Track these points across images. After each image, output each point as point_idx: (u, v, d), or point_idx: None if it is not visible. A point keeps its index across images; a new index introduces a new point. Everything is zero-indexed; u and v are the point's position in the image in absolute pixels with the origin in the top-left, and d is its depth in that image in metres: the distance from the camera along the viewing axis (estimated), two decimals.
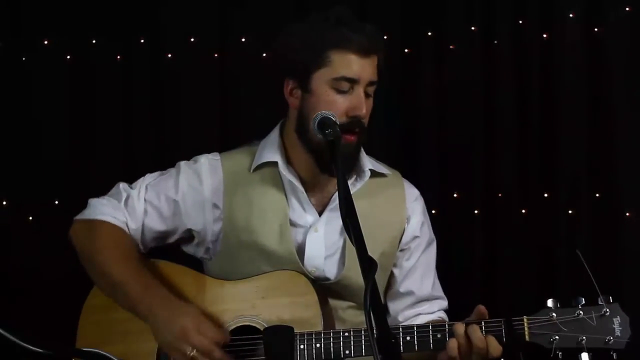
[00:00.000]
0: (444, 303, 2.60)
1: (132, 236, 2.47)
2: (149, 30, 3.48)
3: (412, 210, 2.54)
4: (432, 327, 2.25)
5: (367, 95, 2.37)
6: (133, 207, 2.47)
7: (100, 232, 2.44)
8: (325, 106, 2.32)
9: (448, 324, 2.25)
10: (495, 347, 2.19)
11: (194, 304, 2.37)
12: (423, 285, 2.55)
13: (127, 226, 2.46)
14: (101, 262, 2.40)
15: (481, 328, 2.21)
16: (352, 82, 2.33)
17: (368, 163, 2.49)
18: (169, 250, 2.56)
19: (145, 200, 2.48)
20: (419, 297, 2.54)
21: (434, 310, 2.56)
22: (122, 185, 2.52)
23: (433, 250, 2.59)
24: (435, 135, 3.46)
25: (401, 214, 2.52)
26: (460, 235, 3.44)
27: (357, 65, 2.33)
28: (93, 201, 2.52)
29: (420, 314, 2.54)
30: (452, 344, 2.20)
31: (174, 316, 2.29)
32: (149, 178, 2.53)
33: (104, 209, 2.47)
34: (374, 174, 2.49)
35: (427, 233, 2.58)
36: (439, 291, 2.59)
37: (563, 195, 3.41)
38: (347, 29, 2.34)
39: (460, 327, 2.21)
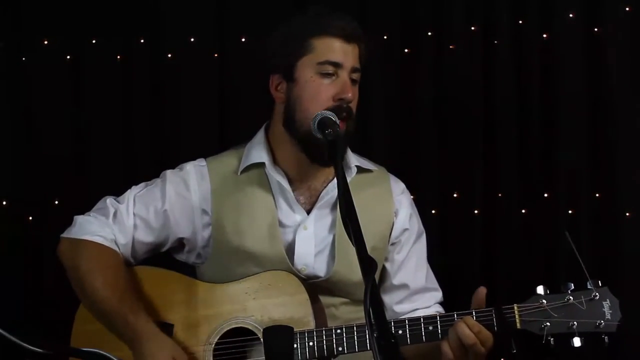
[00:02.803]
0: (439, 295, 2.59)
1: (122, 253, 2.44)
2: (149, 30, 3.48)
3: (400, 203, 2.54)
4: (423, 320, 2.25)
5: (352, 81, 2.38)
6: (122, 222, 2.45)
7: (87, 253, 2.42)
8: (311, 92, 2.34)
9: (440, 316, 2.26)
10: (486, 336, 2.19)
11: (186, 314, 2.38)
12: (416, 277, 2.55)
13: (116, 243, 2.44)
14: (87, 286, 2.39)
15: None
16: (336, 66, 2.35)
17: (354, 159, 2.50)
18: (160, 256, 2.55)
19: (134, 214, 2.46)
20: (414, 290, 2.54)
21: (430, 304, 2.56)
22: (109, 200, 2.49)
23: (423, 242, 2.59)
24: (435, 135, 3.46)
25: (389, 208, 2.52)
26: (460, 235, 3.44)
27: (339, 50, 2.35)
28: (79, 219, 2.48)
29: (417, 309, 2.54)
30: (445, 347, 2.21)
31: (154, 351, 2.29)
32: (135, 190, 2.51)
33: (92, 227, 2.44)
34: (360, 170, 2.50)
35: (416, 225, 2.58)
36: (433, 283, 2.59)
37: (563, 195, 3.41)
38: (327, 18, 2.37)
39: (464, 327, 2.19)
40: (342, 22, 2.37)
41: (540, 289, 2.23)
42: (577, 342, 2.18)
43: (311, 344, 2.26)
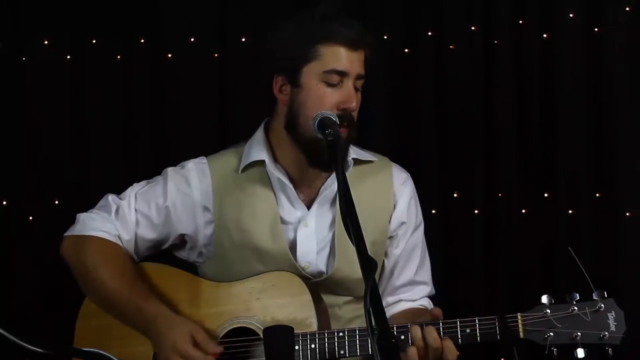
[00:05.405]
0: (428, 289, 2.57)
1: (125, 248, 2.45)
2: (149, 30, 3.48)
3: (400, 194, 2.52)
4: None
5: (355, 89, 2.37)
6: (124, 218, 2.45)
7: (92, 248, 2.42)
8: (315, 100, 2.32)
9: (442, 322, 2.23)
10: (451, 350, 2.19)
11: (189, 312, 2.38)
12: (406, 269, 2.53)
13: (120, 238, 2.44)
14: (95, 280, 2.39)
15: (438, 330, 2.21)
16: (342, 75, 2.33)
17: (351, 152, 2.47)
18: (163, 254, 2.55)
19: (136, 210, 2.46)
20: (402, 282, 2.53)
21: (416, 298, 2.54)
22: (111, 197, 2.50)
23: (420, 233, 2.57)
24: (435, 135, 3.46)
25: (388, 200, 2.50)
26: (460, 235, 3.44)
27: (346, 58, 2.34)
28: (82, 216, 2.49)
29: (401, 300, 2.53)
30: (412, 351, 2.19)
31: (169, 330, 2.29)
32: (137, 187, 2.51)
33: (94, 224, 2.45)
34: (358, 162, 2.48)
35: (414, 217, 2.55)
36: (424, 277, 2.56)
37: (563, 195, 3.41)
38: (335, 24, 2.34)
39: (417, 331, 2.20)
40: (349, 29, 2.34)
41: (544, 299, 2.21)
42: (580, 353, 2.16)
43: (313, 346, 2.26)
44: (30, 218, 3.44)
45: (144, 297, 2.34)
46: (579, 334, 2.17)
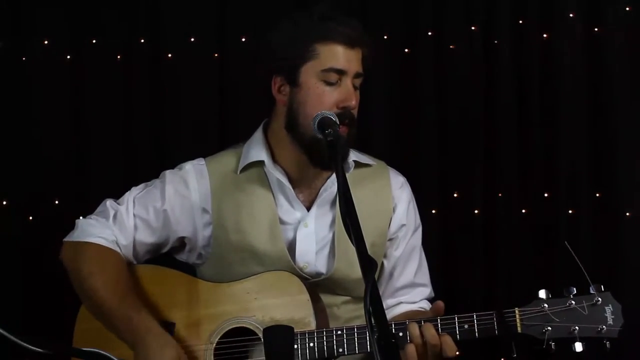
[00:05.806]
0: (427, 291, 2.57)
1: (123, 254, 2.44)
2: (149, 30, 3.48)
3: (399, 198, 2.53)
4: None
5: (354, 87, 2.38)
6: (122, 223, 2.45)
7: (88, 255, 2.41)
8: (315, 99, 2.33)
9: (440, 318, 2.23)
10: (450, 346, 2.19)
11: (188, 313, 2.38)
12: (405, 271, 2.54)
13: (118, 244, 2.44)
14: (88, 288, 2.38)
15: (436, 326, 2.21)
16: (340, 73, 2.34)
17: (352, 155, 2.48)
18: (161, 255, 2.54)
19: (134, 215, 2.46)
20: (402, 284, 2.54)
21: (416, 300, 2.55)
22: (109, 202, 2.49)
23: (418, 235, 2.58)
24: (435, 135, 3.46)
25: (388, 203, 2.51)
26: (460, 235, 3.44)
27: (343, 57, 2.34)
28: (81, 222, 2.48)
29: (401, 302, 2.53)
30: (411, 349, 2.19)
31: (159, 350, 2.27)
32: (135, 191, 2.50)
33: (92, 230, 2.44)
34: (358, 164, 2.49)
35: (414, 219, 2.56)
36: (423, 279, 2.58)
37: (563, 195, 3.42)
38: (332, 22, 2.35)
39: (414, 328, 2.20)
40: (346, 27, 2.35)
41: (542, 293, 2.22)
42: (578, 347, 2.17)
43: (312, 344, 2.26)
44: (30, 218, 3.44)
45: (135, 311, 2.32)
46: (576, 327, 2.17)
